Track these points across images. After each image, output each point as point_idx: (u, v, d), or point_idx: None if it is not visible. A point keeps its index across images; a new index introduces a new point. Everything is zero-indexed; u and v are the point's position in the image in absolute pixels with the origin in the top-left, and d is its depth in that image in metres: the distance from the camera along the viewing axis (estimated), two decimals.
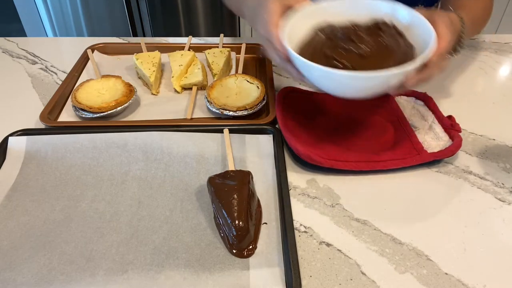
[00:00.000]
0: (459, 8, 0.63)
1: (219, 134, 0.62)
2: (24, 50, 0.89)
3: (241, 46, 0.85)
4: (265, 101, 0.69)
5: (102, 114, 0.66)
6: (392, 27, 0.56)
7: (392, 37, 0.56)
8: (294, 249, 0.46)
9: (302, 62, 0.50)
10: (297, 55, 0.50)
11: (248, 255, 0.47)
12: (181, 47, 0.84)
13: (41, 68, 0.83)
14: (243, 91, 0.70)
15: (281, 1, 0.56)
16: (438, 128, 0.65)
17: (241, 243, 0.47)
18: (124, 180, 0.56)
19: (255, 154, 0.60)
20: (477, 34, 0.72)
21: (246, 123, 0.65)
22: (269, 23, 0.54)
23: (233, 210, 0.47)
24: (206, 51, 0.83)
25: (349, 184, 0.57)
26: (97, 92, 0.70)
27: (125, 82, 0.72)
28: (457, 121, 0.64)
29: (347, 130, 0.65)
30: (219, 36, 0.89)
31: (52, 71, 0.82)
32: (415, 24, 0.55)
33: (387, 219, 0.53)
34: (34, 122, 0.67)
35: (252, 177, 0.53)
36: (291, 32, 0.54)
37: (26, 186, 0.55)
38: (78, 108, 0.67)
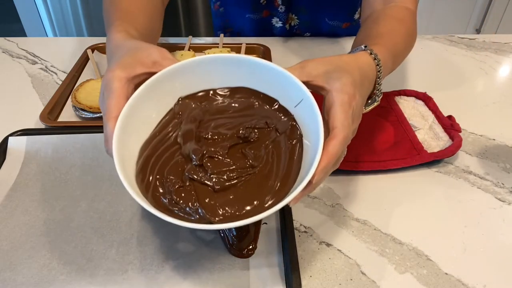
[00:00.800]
0: (378, 38, 0.53)
1: None
2: (24, 50, 0.89)
3: (240, 46, 0.84)
4: None
5: (102, 114, 0.66)
6: (273, 128, 0.43)
7: (272, 141, 0.42)
8: (294, 249, 0.46)
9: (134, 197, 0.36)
10: (128, 188, 0.37)
11: (248, 255, 0.47)
12: (181, 47, 0.84)
13: (41, 68, 0.83)
14: None
15: (126, 74, 0.41)
16: (438, 128, 0.65)
17: (241, 243, 0.47)
18: None
19: None
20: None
21: None
22: (106, 112, 0.40)
23: None
24: (206, 51, 0.83)
25: (349, 184, 0.57)
26: (97, 92, 0.70)
27: None
28: (457, 121, 0.64)
29: None
30: (219, 36, 0.89)
31: (52, 71, 0.82)
32: (305, 108, 0.40)
33: (387, 219, 0.53)
34: (34, 122, 0.67)
35: None
36: (135, 127, 0.41)
37: (26, 186, 0.55)
38: (78, 108, 0.67)
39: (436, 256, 0.48)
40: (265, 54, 0.84)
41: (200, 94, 0.45)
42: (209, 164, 0.40)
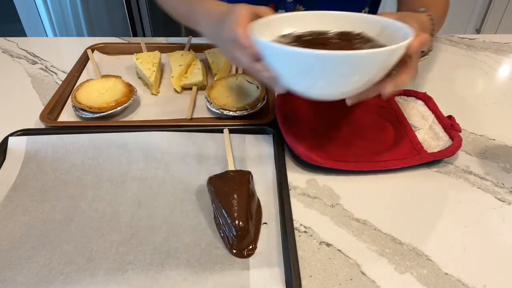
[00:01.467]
0: (424, 7, 0.65)
1: (219, 134, 0.62)
2: (24, 50, 0.89)
3: None
4: (265, 101, 0.69)
5: (102, 114, 0.66)
6: (361, 35, 0.56)
7: (363, 43, 0.55)
8: (294, 249, 0.46)
9: (276, 49, 0.47)
10: (268, 42, 0.48)
11: (248, 255, 0.47)
12: (181, 47, 0.84)
13: (41, 68, 0.83)
14: (243, 91, 0.70)
15: (250, 8, 0.53)
16: (438, 128, 0.65)
17: (241, 243, 0.47)
18: (124, 180, 0.56)
19: (255, 154, 0.60)
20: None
21: (246, 123, 0.65)
22: (236, 24, 0.51)
23: (233, 210, 0.47)
24: (206, 51, 0.83)
25: (349, 184, 0.57)
26: (97, 92, 0.70)
27: (125, 82, 0.72)
28: (457, 121, 0.64)
29: (347, 130, 0.65)
30: None
31: (52, 71, 0.82)
32: (388, 27, 0.54)
33: (387, 219, 0.53)
34: (34, 122, 0.67)
35: (252, 177, 0.53)
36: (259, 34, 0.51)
37: (26, 186, 0.55)
38: (78, 108, 0.67)
39: (436, 256, 0.48)
40: None
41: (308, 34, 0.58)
42: (322, 44, 0.55)
